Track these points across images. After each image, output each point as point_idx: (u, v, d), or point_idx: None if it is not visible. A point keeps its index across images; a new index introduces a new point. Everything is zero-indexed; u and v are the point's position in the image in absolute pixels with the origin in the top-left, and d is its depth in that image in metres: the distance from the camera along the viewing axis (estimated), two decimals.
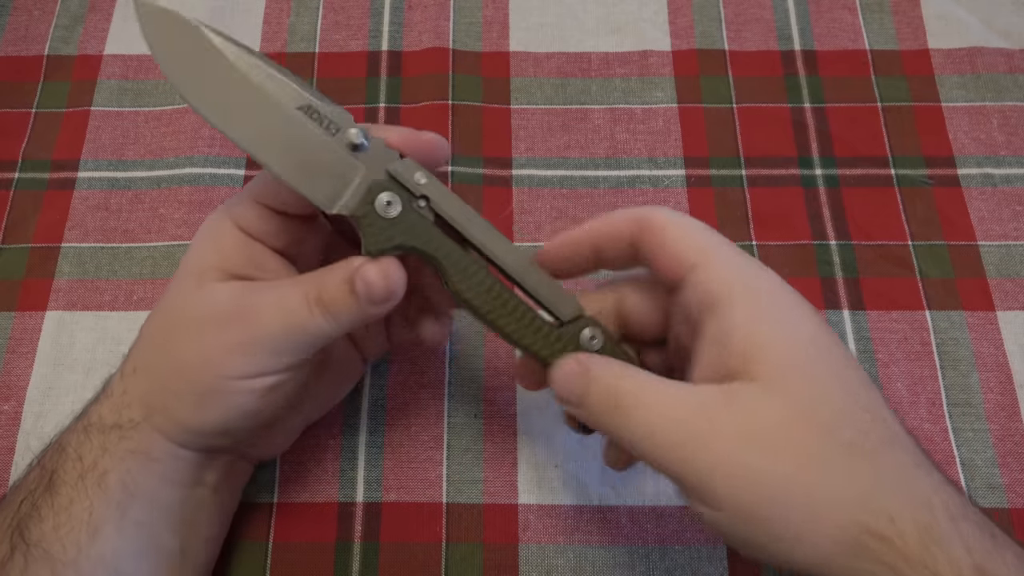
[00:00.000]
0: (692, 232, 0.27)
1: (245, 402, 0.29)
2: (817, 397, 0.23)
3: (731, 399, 0.24)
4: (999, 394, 0.38)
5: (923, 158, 0.44)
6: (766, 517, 0.23)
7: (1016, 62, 0.46)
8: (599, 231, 0.29)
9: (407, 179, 0.28)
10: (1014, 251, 0.41)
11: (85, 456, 0.29)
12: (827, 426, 0.23)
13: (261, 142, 0.28)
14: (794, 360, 0.24)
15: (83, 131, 0.45)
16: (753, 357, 0.24)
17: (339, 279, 0.28)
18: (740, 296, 0.25)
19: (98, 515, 0.28)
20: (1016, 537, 0.35)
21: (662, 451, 0.24)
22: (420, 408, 0.38)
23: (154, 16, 0.28)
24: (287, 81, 0.28)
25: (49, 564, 0.27)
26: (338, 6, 0.49)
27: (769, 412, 0.23)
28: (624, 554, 0.36)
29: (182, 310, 0.29)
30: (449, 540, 0.36)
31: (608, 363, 0.27)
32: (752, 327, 0.24)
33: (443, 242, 0.28)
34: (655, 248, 0.27)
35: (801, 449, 0.23)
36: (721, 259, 0.26)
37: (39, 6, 0.49)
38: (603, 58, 0.47)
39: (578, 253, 0.29)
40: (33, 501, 0.28)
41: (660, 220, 0.27)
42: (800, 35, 0.47)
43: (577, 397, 0.27)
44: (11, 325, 0.40)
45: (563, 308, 0.29)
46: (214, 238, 0.30)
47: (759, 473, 0.23)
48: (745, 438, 0.23)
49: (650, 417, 0.24)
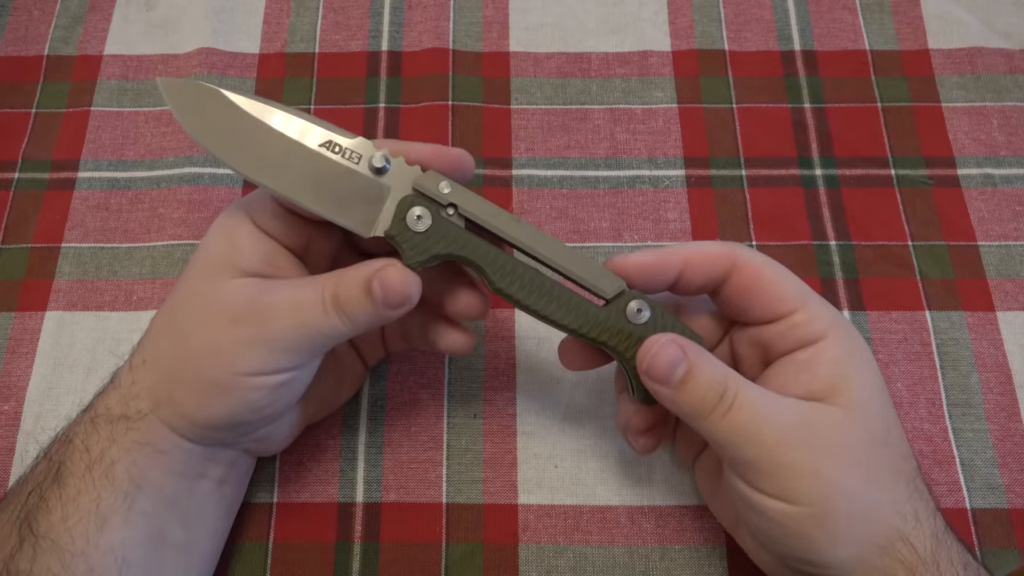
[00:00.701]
0: (787, 279, 0.30)
1: (253, 398, 0.29)
2: (882, 428, 0.28)
3: (822, 416, 0.28)
4: (999, 394, 0.38)
5: (923, 158, 0.44)
6: (830, 515, 0.27)
7: (1016, 62, 0.46)
8: (690, 258, 0.30)
9: (432, 191, 0.29)
10: (1014, 251, 0.41)
11: (92, 447, 0.29)
12: (889, 454, 0.28)
13: (293, 184, 0.29)
14: (869, 397, 0.29)
15: (83, 131, 0.45)
16: (839, 389, 0.28)
17: (356, 280, 0.28)
18: (835, 338, 0.29)
19: (106, 506, 0.28)
20: (1016, 537, 0.35)
21: (759, 447, 0.27)
22: (420, 408, 0.38)
23: (177, 90, 0.29)
24: (305, 122, 0.29)
25: (58, 555, 0.27)
26: (338, 6, 0.49)
27: (851, 434, 0.28)
28: (624, 554, 0.36)
29: (195, 304, 0.29)
30: (449, 540, 0.36)
31: (705, 353, 0.29)
32: (841, 367, 0.29)
33: (478, 244, 0.29)
34: (751, 290, 0.30)
35: (870, 467, 0.27)
36: (818, 307, 0.30)
37: (39, 6, 0.49)
38: (603, 58, 0.47)
39: (663, 274, 0.30)
40: (41, 493, 0.28)
41: (755, 264, 0.30)
42: (800, 35, 0.47)
43: (676, 380, 0.28)
44: (11, 325, 0.40)
45: (605, 286, 0.30)
46: (230, 234, 0.30)
47: (836, 479, 0.27)
48: (831, 449, 0.27)
49: (757, 416, 0.27)
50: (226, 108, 0.29)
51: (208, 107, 0.29)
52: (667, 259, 0.30)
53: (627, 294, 0.30)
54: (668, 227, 0.42)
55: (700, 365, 0.28)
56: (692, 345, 0.29)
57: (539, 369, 0.39)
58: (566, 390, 0.39)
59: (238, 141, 0.29)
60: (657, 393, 0.29)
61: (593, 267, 0.30)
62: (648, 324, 0.30)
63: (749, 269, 0.30)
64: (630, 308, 0.30)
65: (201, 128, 0.29)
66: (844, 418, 0.28)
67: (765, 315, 0.30)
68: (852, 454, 0.27)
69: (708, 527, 0.36)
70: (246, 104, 0.29)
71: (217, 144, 0.29)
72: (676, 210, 0.43)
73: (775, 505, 0.27)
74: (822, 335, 0.29)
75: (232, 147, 0.29)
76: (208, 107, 0.29)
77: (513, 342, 0.40)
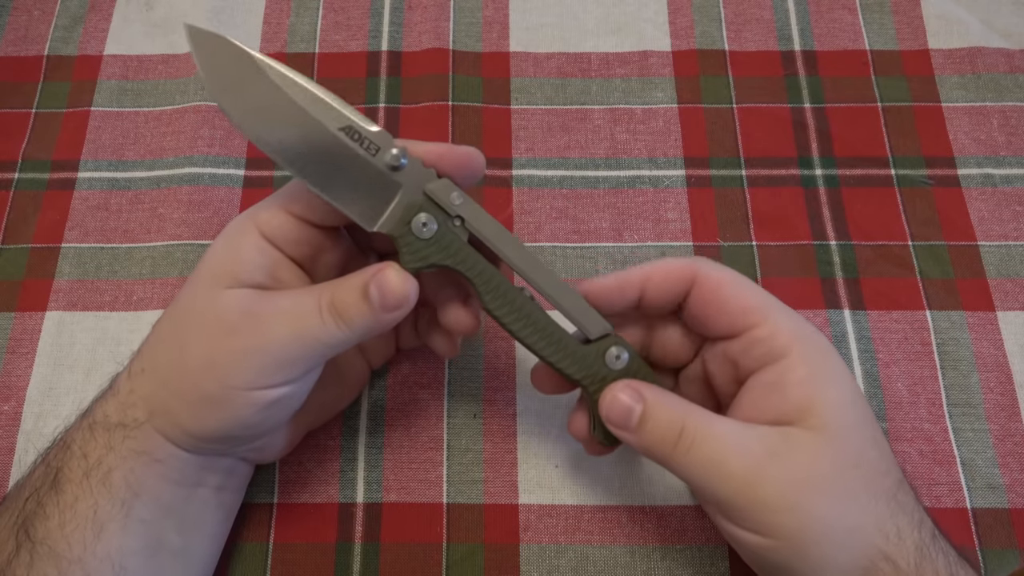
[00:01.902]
0: (747, 291, 0.30)
1: (246, 414, 0.28)
2: (858, 450, 0.27)
3: (792, 444, 0.27)
4: (999, 394, 0.38)
5: (923, 158, 0.44)
6: (809, 546, 0.26)
7: (1016, 62, 0.46)
8: (650, 277, 0.30)
9: (443, 199, 0.29)
10: (1014, 251, 0.41)
11: (90, 454, 0.29)
12: (865, 474, 0.27)
13: (305, 162, 0.28)
14: (842, 417, 0.28)
15: (83, 131, 0.45)
16: (809, 410, 0.27)
17: (353, 285, 0.28)
18: (799, 355, 0.28)
19: (103, 513, 0.28)
20: (1017, 537, 0.35)
21: (726, 483, 0.27)
22: (420, 408, 0.38)
23: (204, 40, 0.29)
24: (330, 102, 0.29)
25: (55, 561, 0.27)
26: (338, 6, 0.49)
27: (823, 460, 0.27)
28: (625, 554, 0.35)
29: (192, 314, 0.29)
30: (450, 540, 0.36)
31: (664, 394, 0.29)
32: (810, 386, 0.28)
33: (476, 261, 0.29)
34: (710, 304, 0.30)
35: (846, 493, 0.27)
36: (780, 319, 0.29)
37: (39, 6, 0.49)
38: (603, 58, 0.47)
39: (624, 295, 0.30)
40: (39, 499, 0.28)
41: (715, 277, 0.30)
42: (800, 35, 0.47)
43: (635, 424, 0.28)
44: (11, 325, 0.40)
45: (591, 327, 0.30)
46: (234, 244, 0.30)
47: (812, 509, 0.26)
48: (803, 479, 0.26)
49: (720, 451, 0.27)
50: (252, 72, 0.28)
51: (232, 66, 0.28)
52: (628, 279, 0.30)
53: (610, 339, 0.30)
54: (668, 227, 0.42)
55: (656, 405, 0.28)
56: (648, 387, 0.29)
57: None
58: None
59: (257, 107, 0.28)
60: (620, 436, 0.29)
61: (583, 306, 0.30)
62: (623, 371, 0.30)
63: (709, 282, 0.30)
64: (610, 353, 0.30)
65: (221, 87, 0.29)
66: (815, 443, 0.27)
67: (727, 329, 0.30)
68: (827, 481, 0.27)
69: (709, 527, 0.36)
70: (272, 72, 0.28)
71: (234, 105, 0.28)
72: (676, 210, 0.43)
73: (752, 539, 0.27)
74: (786, 351, 0.28)
75: (250, 112, 0.28)
76: (232, 66, 0.28)
77: (513, 342, 0.40)
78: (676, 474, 0.28)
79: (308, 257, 0.31)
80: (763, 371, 0.29)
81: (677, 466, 0.28)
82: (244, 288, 0.29)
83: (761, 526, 0.27)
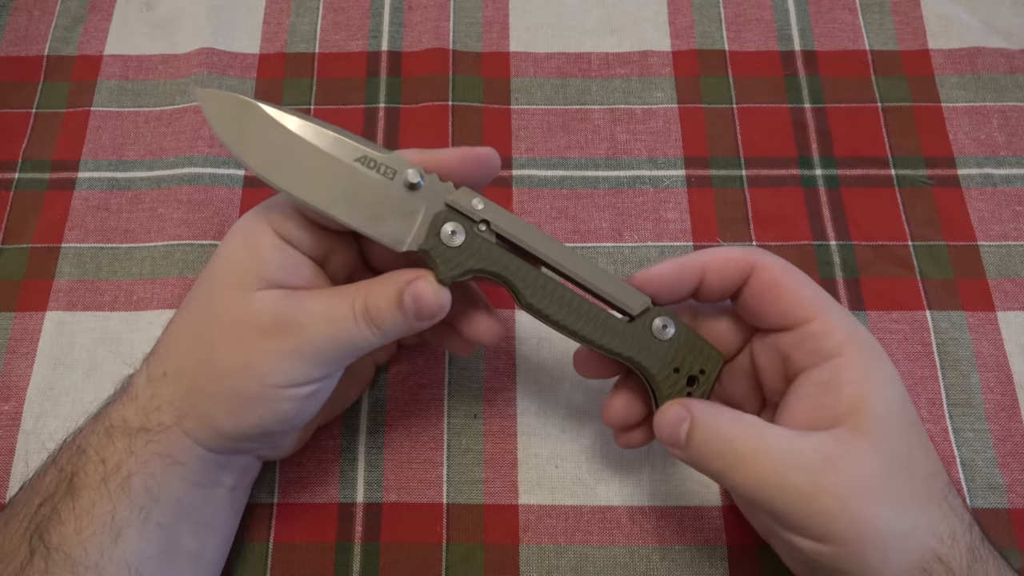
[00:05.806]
0: (805, 285, 0.30)
1: (284, 408, 0.29)
2: (907, 452, 0.28)
3: (845, 448, 0.27)
4: (999, 394, 0.38)
5: (923, 158, 0.44)
6: (868, 550, 0.26)
7: (1016, 62, 0.46)
8: (710, 263, 0.30)
9: (466, 207, 0.29)
10: (1014, 251, 0.41)
11: (108, 459, 0.29)
12: (915, 476, 0.27)
13: (329, 198, 0.29)
14: (894, 419, 0.28)
15: (83, 131, 0.45)
16: (861, 411, 0.27)
17: (387, 293, 0.29)
18: (854, 355, 0.28)
19: (121, 518, 0.28)
20: (1017, 537, 0.35)
21: (783, 496, 0.27)
22: (420, 408, 0.38)
23: (215, 101, 0.29)
24: (340, 137, 0.29)
25: (71, 567, 0.27)
26: (338, 6, 0.49)
27: (876, 463, 0.27)
28: (625, 554, 0.36)
29: (221, 316, 0.29)
30: (450, 541, 0.36)
31: (715, 408, 0.29)
32: (863, 386, 0.28)
33: (510, 260, 0.30)
34: (766, 294, 0.30)
35: (900, 496, 0.27)
36: (835, 317, 0.29)
37: (39, 6, 0.49)
38: (603, 58, 0.47)
39: (683, 282, 0.31)
40: (53, 504, 0.28)
41: (773, 268, 0.30)
42: (800, 35, 0.47)
43: (683, 440, 0.29)
44: (11, 325, 0.40)
45: (632, 303, 0.30)
46: (253, 244, 0.30)
47: (870, 514, 0.26)
48: (860, 485, 0.27)
49: (776, 467, 0.27)
50: (263, 121, 0.29)
51: (245, 120, 0.29)
52: (687, 266, 0.30)
53: (652, 311, 0.31)
54: (668, 227, 0.42)
55: (704, 420, 0.28)
56: (698, 403, 0.29)
57: (539, 369, 0.39)
58: (566, 390, 0.39)
59: (274, 154, 0.29)
60: (672, 452, 0.29)
61: (619, 284, 0.31)
62: (672, 340, 0.30)
63: (767, 274, 0.30)
64: (655, 325, 0.30)
65: (238, 141, 0.29)
66: (868, 446, 0.27)
67: (781, 321, 0.30)
68: (882, 485, 0.27)
69: (709, 527, 0.36)
70: (282, 118, 0.29)
71: (253, 157, 0.29)
72: (676, 210, 0.43)
73: (810, 545, 0.27)
74: (840, 350, 0.28)
75: (268, 160, 0.29)
76: (245, 120, 0.29)
77: (513, 343, 0.40)
78: (729, 488, 0.28)
79: (321, 256, 0.31)
80: (815, 369, 0.29)
81: (731, 481, 0.28)
82: (272, 289, 0.29)
83: (821, 534, 0.27)
